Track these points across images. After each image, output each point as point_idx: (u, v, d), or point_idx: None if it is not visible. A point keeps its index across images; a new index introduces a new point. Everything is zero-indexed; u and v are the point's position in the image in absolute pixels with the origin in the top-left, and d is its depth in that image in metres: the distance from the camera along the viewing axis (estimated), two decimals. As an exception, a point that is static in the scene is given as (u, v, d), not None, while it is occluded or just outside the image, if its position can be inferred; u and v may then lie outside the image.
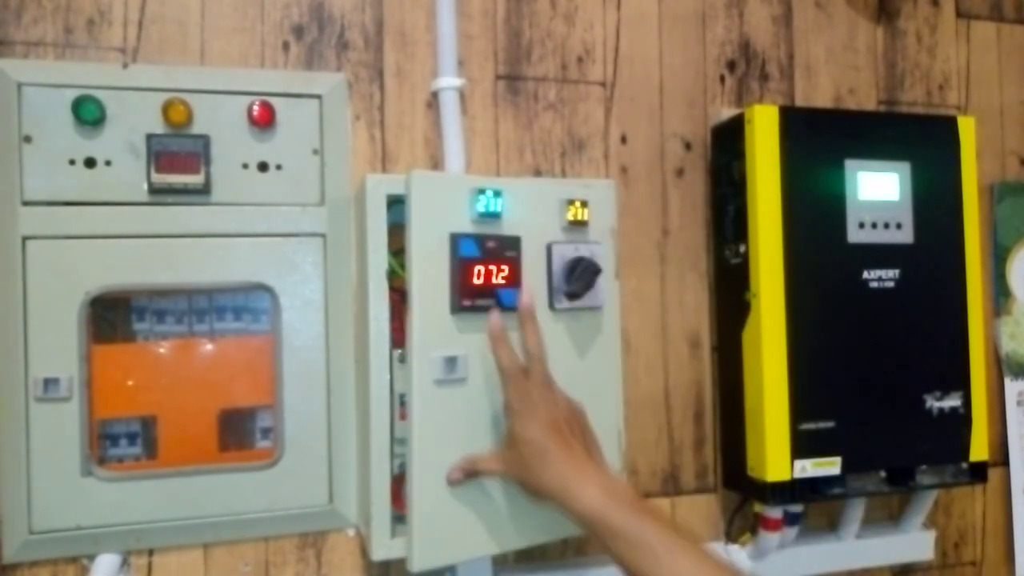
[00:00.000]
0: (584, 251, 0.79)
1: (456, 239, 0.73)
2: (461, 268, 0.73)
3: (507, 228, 0.76)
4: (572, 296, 0.78)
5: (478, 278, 0.74)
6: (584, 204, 0.80)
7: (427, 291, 0.72)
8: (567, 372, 0.76)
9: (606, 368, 0.82)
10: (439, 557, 0.73)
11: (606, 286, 0.82)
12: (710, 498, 0.99)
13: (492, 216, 0.75)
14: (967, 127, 0.97)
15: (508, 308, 0.74)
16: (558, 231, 0.80)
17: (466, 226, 0.74)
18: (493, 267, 0.74)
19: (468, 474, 0.73)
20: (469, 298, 0.73)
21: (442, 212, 0.73)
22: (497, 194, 0.75)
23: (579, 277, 0.78)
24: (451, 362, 0.73)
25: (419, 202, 0.72)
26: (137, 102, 0.80)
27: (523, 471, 0.69)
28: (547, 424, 0.69)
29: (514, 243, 0.76)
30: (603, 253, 0.80)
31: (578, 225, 0.80)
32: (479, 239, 0.74)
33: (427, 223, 0.73)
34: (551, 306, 0.79)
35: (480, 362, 0.74)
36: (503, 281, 0.75)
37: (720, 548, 0.97)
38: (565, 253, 0.79)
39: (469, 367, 0.74)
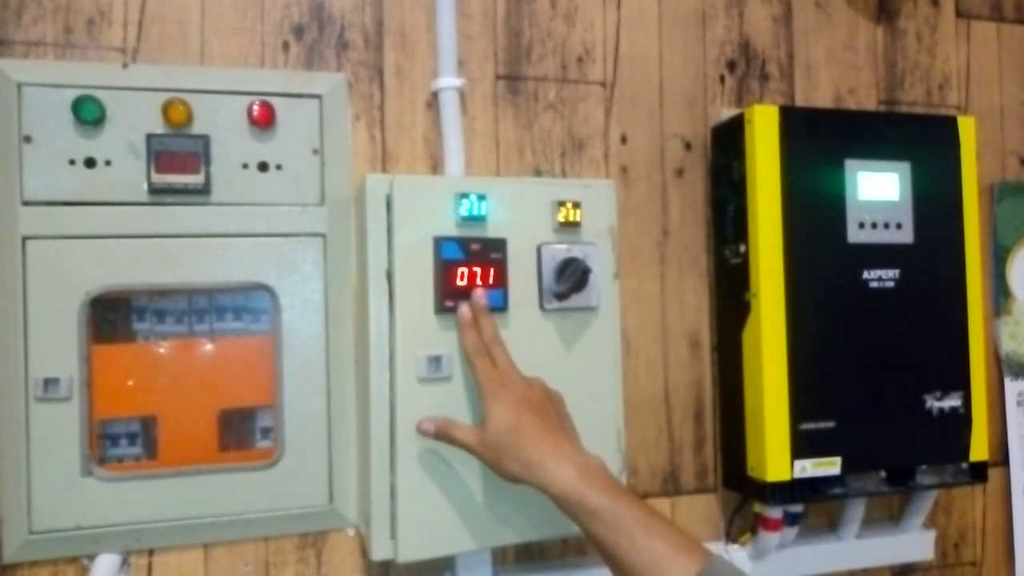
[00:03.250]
0: (576, 252, 0.80)
1: (439, 242, 0.75)
2: (444, 270, 0.75)
3: (494, 230, 0.78)
4: (561, 296, 0.79)
5: (461, 279, 0.76)
6: (576, 205, 0.80)
7: (411, 292, 0.75)
8: (559, 372, 0.77)
9: (604, 368, 0.82)
10: (425, 549, 0.75)
11: (604, 286, 0.82)
12: (710, 498, 0.99)
13: (476, 219, 0.76)
14: (967, 127, 0.97)
15: (495, 309, 0.76)
16: (549, 232, 0.80)
17: (450, 229, 0.76)
18: (477, 269, 0.76)
19: (439, 435, 0.73)
20: (452, 299, 0.75)
21: (426, 215, 0.76)
22: (481, 198, 0.77)
23: (568, 278, 0.78)
24: (435, 361, 0.75)
25: (402, 206, 0.75)
26: (137, 102, 0.80)
27: (498, 452, 0.69)
28: (520, 402, 0.69)
29: (500, 245, 0.77)
30: (596, 254, 0.81)
31: (570, 226, 0.80)
32: (462, 242, 0.76)
33: (410, 226, 0.75)
34: (541, 307, 0.79)
35: (464, 361, 0.76)
36: (488, 283, 0.76)
37: (720, 548, 0.97)
38: (556, 254, 0.79)
39: (453, 366, 0.76)
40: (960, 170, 0.96)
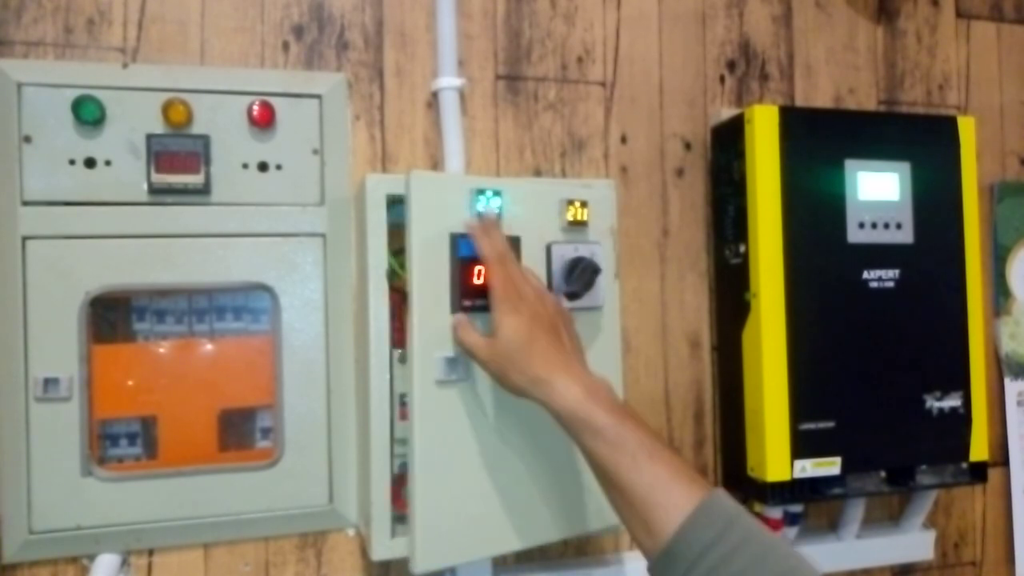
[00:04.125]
0: (584, 251, 0.79)
1: (456, 239, 0.73)
2: (461, 268, 0.73)
3: (506, 228, 0.76)
4: (572, 296, 0.78)
5: (478, 278, 0.73)
6: (584, 204, 0.80)
7: (427, 292, 0.72)
8: None
9: (606, 368, 0.82)
10: (441, 558, 0.73)
11: (606, 286, 0.82)
12: (710, 498, 0.99)
13: None
14: (967, 127, 0.97)
15: None
16: (558, 231, 0.80)
17: None
18: None
19: (454, 332, 0.72)
20: (469, 298, 0.72)
21: (442, 212, 0.73)
22: (497, 194, 0.75)
23: (578, 277, 0.78)
24: (452, 362, 0.73)
25: (419, 203, 0.72)
26: (137, 102, 0.80)
27: (506, 363, 0.67)
28: (533, 316, 0.68)
29: (514, 243, 0.76)
30: (603, 253, 0.80)
31: (578, 225, 0.80)
32: None
33: (427, 224, 0.73)
34: None
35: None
36: None
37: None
38: (565, 253, 0.79)
39: (470, 367, 0.73)
40: (960, 170, 0.96)
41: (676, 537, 0.56)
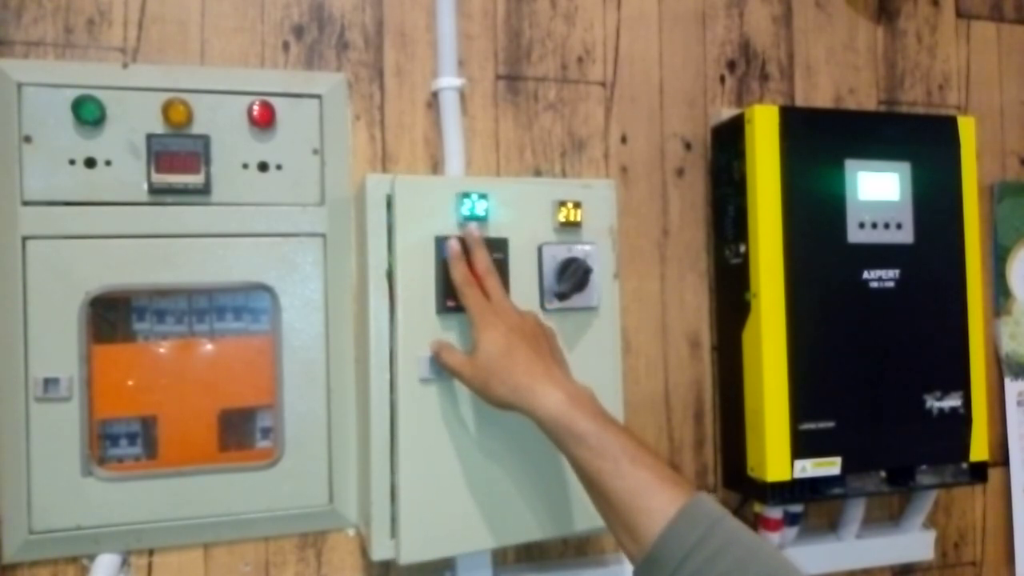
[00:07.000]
0: (577, 252, 0.80)
1: (441, 242, 0.75)
2: (446, 270, 0.74)
3: (495, 230, 0.77)
4: (562, 296, 0.79)
5: None
6: (577, 205, 0.80)
7: (413, 292, 0.75)
8: None
9: (604, 368, 0.82)
10: (427, 551, 0.75)
11: (605, 286, 0.82)
12: (710, 498, 0.99)
13: (478, 219, 0.76)
14: (967, 127, 0.97)
15: None
16: (550, 232, 0.80)
17: (452, 229, 0.76)
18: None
19: (436, 358, 0.73)
20: (454, 299, 0.74)
21: (428, 215, 0.76)
22: (482, 197, 0.76)
23: (569, 277, 0.78)
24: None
25: (403, 206, 0.75)
26: (137, 102, 0.80)
27: (487, 376, 0.68)
28: (511, 329, 0.69)
29: (501, 245, 0.77)
30: (597, 253, 0.81)
31: (570, 226, 0.80)
32: (464, 242, 0.75)
33: (412, 226, 0.75)
34: (542, 307, 0.79)
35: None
36: None
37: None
38: (557, 254, 0.79)
39: None
40: (960, 170, 0.96)
41: (659, 541, 0.56)
